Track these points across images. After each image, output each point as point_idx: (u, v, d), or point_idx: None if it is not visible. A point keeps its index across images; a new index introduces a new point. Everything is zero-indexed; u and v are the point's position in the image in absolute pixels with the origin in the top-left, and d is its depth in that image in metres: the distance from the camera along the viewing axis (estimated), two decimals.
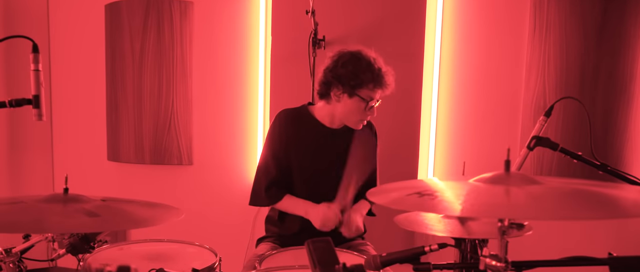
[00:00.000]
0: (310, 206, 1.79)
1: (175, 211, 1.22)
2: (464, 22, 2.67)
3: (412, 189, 0.97)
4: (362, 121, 1.82)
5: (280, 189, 1.86)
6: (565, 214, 0.75)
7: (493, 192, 0.87)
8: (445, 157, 2.73)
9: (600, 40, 2.43)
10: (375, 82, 1.73)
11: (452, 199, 0.84)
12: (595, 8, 2.42)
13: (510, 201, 0.80)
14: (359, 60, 1.74)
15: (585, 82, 2.45)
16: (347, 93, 1.76)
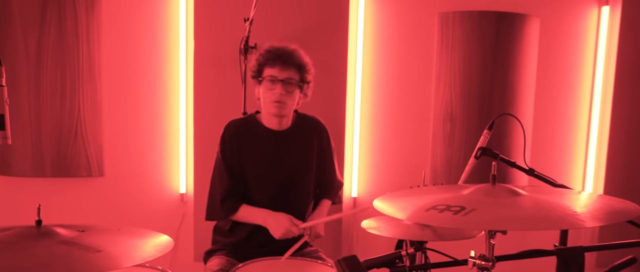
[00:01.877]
0: (270, 215, 1.79)
1: None
2: (382, 37, 2.87)
3: (428, 201, 1.06)
4: (274, 104, 1.78)
5: (235, 200, 1.83)
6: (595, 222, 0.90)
7: (511, 204, 1.00)
8: (368, 161, 2.91)
9: (495, 55, 2.82)
10: (273, 60, 1.78)
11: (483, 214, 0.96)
12: (491, 27, 2.80)
13: (530, 214, 0.94)
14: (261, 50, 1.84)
15: (484, 91, 2.82)
16: (257, 81, 1.83)
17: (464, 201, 1.05)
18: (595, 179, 2.91)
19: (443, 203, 1.04)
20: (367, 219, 1.65)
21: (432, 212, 1.00)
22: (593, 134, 2.91)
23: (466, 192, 1.14)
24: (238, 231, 1.88)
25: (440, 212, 0.99)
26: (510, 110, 2.83)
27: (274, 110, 1.80)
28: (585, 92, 2.94)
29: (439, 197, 1.14)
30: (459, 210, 0.98)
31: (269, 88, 1.78)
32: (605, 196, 1.08)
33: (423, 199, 1.17)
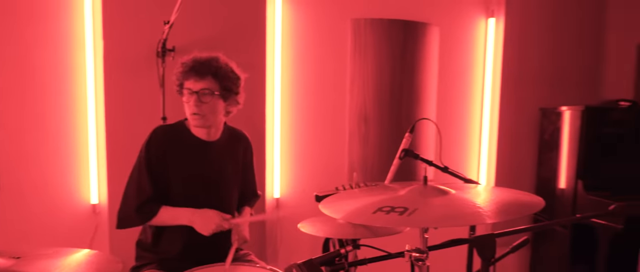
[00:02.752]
0: (196, 213, 1.76)
1: None
2: (299, 41, 2.96)
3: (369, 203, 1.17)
4: (192, 116, 1.76)
5: (154, 204, 1.77)
6: (509, 217, 1.06)
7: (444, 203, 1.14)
8: (289, 162, 2.99)
9: (403, 60, 3.06)
10: (188, 72, 1.74)
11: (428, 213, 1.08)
12: (400, 34, 3.03)
13: (474, 210, 1.09)
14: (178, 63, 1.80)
15: (394, 93, 3.05)
16: (179, 92, 1.80)
17: (403, 201, 1.18)
18: (487, 172, 3.30)
19: (386, 204, 1.16)
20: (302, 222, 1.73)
21: (380, 214, 1.11)
22: (485, 131, 3.30)
23: (402, 193, 1.27)
24: (163, 244, 1.83)
25: (387, 213, 1.10)
26: (416, 110, 3.10)
27: (193, 122, 1.78)
28: (477, 94, 3.31)
29: (379, 198, 1.25)
30: (403, 211, 1.10)
31: (187, 101, 1.76)
32: (515, 191, 1.28)
33: (363, 200, 1.28)
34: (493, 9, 3.23)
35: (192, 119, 1.77)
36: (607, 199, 2.64)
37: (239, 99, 1.87)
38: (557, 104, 3.10)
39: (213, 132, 1.85)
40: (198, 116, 1.75)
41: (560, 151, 2.99)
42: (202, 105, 1.74)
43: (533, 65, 3.27)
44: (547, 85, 3.29)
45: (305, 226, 1.68)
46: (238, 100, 1.87)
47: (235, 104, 1.88)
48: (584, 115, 2.81)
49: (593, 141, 2.81)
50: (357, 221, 1.18)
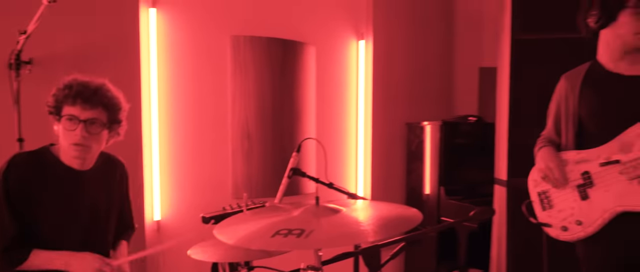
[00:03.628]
0: (73, 257, 1.60)
1: None
2: (176, 57, 2.86)
3: (265, 225, 1.19)
4: (74, 147, 1.60)
5: (22, 247, 1.57)
6: (396, 232, 1.16)
7: (337, 222, 1.21)
8: (170, 182, 2.84)
9: (283, 78, 3.14)
10: (74, 97, 1.58)
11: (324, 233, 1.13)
12: (279, 52, 3.11)
13: (364, 228, 1.16)
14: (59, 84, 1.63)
15: (276, 110, 3.11)
16: (55, 119, 1.63)
17: (299, 222, 1.22)
18: (364, 184, 3.54)
19: (283, 227, 1.19)
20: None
21: (278, 238, 1.13)
22: (360, 145, 3.54)
23: (296, 214, 1.31)
24: None
25: (285, 236, 1.13)
26: (298, 127, 3.20)
27: (74, 153, 1.62)
28: (352, 110, 3.55)
29: (274, 220, 1.28)
30: (300, 233, 1.14)
31: (69, 128, 1.58)
32: (397, 205, 1.41)
33: (258, 223, 1.29)
34: (363, 31, 3.50)
35: (72, 150, 1.60)
36: (463, 202, 3.03)
37: (121, 130, 1.77)
38: (420, 119, 3.47)
39: (88, 161, 1.69)
40: (81, 147, 1.60)
41: (424, 161, 3.35)
42: (90, 136, 1.60)
43: (398, 84, 3.61)
44: (411, 102, 3.66)
45: (196, 252, 1.62)
46: (120, 132, 1.77)
47: (116, 136, 1.77)
48: (441, 129, 3.19)
49: (450, 151, 3.21)
50: (257, 246, 1.18)
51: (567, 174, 1.54)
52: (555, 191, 1.58)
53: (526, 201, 1.67)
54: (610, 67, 1.53)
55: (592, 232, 1.50)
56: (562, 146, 1.63)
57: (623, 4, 1.43)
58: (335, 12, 3.43)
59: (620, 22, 1.46)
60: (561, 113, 1.64)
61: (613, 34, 1.51)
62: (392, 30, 3.56)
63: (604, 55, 1.56)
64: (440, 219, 3.14)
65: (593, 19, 1.53)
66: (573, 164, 1.54)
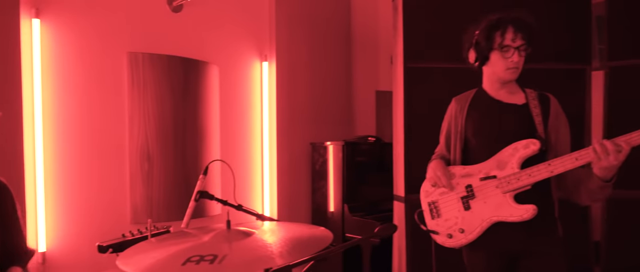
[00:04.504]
0: None
1: None
2: (65, 73, 2.65)
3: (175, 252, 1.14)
4: None
5: None
6: (308, 252, 1.18)
7: (250, 246, 1.20)
8: (58, 209, 2.58)
9: (186, 97, 3.05)
10: None
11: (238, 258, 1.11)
12: (180, 71, 3.03)
13: (275, 251, 1.17)
14: None
15: (178, 131, 3.00)
16: None
17: (211, 248, 1.19)
18: (270, 204, 3.54)
19: (195, 253, 1.15)
20: None
21: (190, 266, 1.10)
22: (266, 165, 3.55)
23: (206, 239, 1.28)
24: None
25: (198, 263, 1.10)
26: (202, 147, 3.12)
27: None
28: (257, 131, 3.55)
29: (183, 247, 1.23)
30: (213, 259, 1.11)
31: None
32: (308, 226, 1.44)
33: (167, 250, 1.24)
34: (266, 53, 3.55)
35: None
36: (366, 219, 3.17)
37: None
38: (324, 139, 3.58)
39: None
40: None
41: (328, 180, 3.45)
42: None
43: (302, 105, 3.71)
44: (314, 123, 3.77)
45: None
46: None
47: None
48: (343, 149, 3.33)
49: (352, 170, 3.35)
50: None
51: (454, 186, 1.71)
52: (443, 201, 1.74)
53: (418, 210, 1.82)
54: (493, 95, 1.75)
55: (472, 239, 1.67)
56: (451, 161, 1.80)
57: (491, 47, 1.66)
58: (238, 32, 3.43)
59: (492, 61, 1.69)
60: (451, 131, 1.82)
61: (490, 70, 1.74)
62: (294, 52, 3.65)
63: (487, 84, 1.78)
64: (345, 235, 3.25)
65: (472, 59, 1.75)
66: (459, 178, 1.71)
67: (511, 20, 1.63)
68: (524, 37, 1.62)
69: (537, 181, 1.58)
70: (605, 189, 1.51)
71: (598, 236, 2.68)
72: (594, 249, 2.72)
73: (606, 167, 1.44)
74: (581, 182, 1.58)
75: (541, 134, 1.63)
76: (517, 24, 1.62)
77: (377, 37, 4.16)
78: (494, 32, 1.65)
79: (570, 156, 1.52)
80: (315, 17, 3.81)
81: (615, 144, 1.42)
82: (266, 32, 3.55)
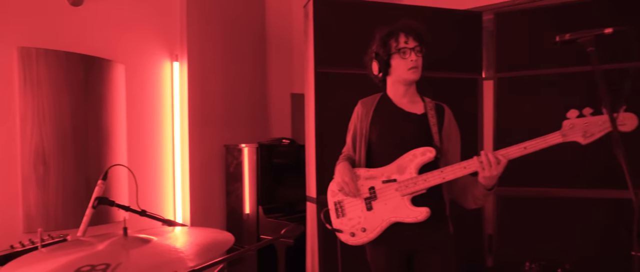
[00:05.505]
0: None
1: None
2: None
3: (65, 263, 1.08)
4: None
5: None
6: (212, 256, 1.17)
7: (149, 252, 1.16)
8: None
9: (87, 97, 2.86)
10: None
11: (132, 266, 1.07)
12: (80, 69, 2.83)
13: (177, 256, 1.14)
14: None
15: (78, 132, 2.81)
16: None
17: (104, 257, 1.14)
18: (183, 209, 3.42)
19: (86, 263, 1.09)
20: None
21: None
22: (177, 169, 3.43)
23: (102, 248, 1.22)
24: None
25: None
26: (106, 150, 2.94)
27: None
28: (168, 133, 3.42)
29: (75, 257, 1.17)
30: (105, 268, 1.07)
31: None
32: (210, 230, 1.43)
33: (57, 261, 1.16)
34: (177, 53, 3.44)
35: None
36: (281, 220, 3.20)
37: None
38: (238, 141, 3.54)
39: None
40: None
41: (243, 182, 3.42)
42: None
43: (215, 106, 3.64)
44: (228, 125, 3.72)
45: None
46: None
47: None
48: (258, 151, 3.32)
49: (267, 172, 3.36)
50: None
51: (359, 188, 1.79)
52: (348, 201, 1.82)
53: (324, 209, 1.88)
54: (396, 102, 1.86)
55: (373, 237, 1.77)
56: (356, 162, 1.89)
57: (390, 52, 1.78)
58: (146, 30, 3.29)
59: (394, 66, 1.80)
60: (357, 133, 1.90)
61: (393, 79, 1.86)
62: (207, 53, 3.58)
63: (391, 92, 1.89)
64: (259, 237, 3.25)
65: (376, 70, 1.86)
66: (363, 180, 1.80)
67: (400, 27, 1.78)
68: (415, 39, 1.77)
69: (431, 186, 1.70)
70: (488, 197, 1.68)
71: (490, 230, 2.94)
72: (487, 242, 2.98)
73: (488, 177, 1.59)
74: (468, 188, 1.74)
75: (437, 143, 1.76)
76: (405, 29, 1.77)
77: (291, 40, 4.21)
78: (388, 40, 1.78)
79: (460, 164, 1.66)
80: (229, 18, 3.76)
81: (496, 156, 1.58)
82: (177, 31, 3.44)
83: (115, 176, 2.94)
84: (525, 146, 1.57)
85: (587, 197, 2.58)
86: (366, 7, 2.72)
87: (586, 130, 1.49)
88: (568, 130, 1.51)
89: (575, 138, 1.51)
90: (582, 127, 1.49)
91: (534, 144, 1.56)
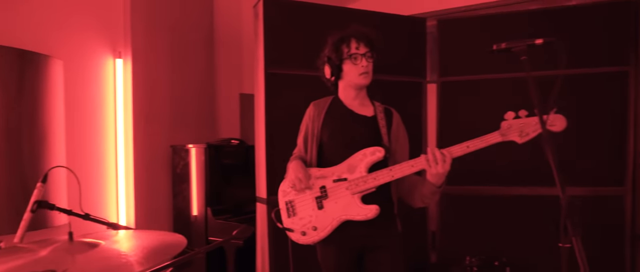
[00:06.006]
0: None
1: None
2: None
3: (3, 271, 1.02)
4: None
5: None
6: (163, 259, 1.14)
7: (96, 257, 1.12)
8: None
9: (21, 94, 2.69)
10: None
11: None
12: (14, 63, 2.65)
13: (125, 260, 1.10)
14: None
15: (11, 131, 2.63)
16: None
17: (48, 263, 1.09)
18: (127, 211, 3.29)
19: (28, 271, 1.04)
20: None
21: None
22: (121, 170, 3.30)
23: (45, 253, 1.17)
24: None
25: None
26: (43, 150, 2.78)
27: None
28: (110, 133, 3.28)
29: (14, 265, 1.11)
30: None
31: None
32: (159, 232, 1.39)
33: None
34: (120, 50, 3.31)
35: None
36: (230, 221, 3.16)
37: None
38: (185, 141, 3.47)
39: None
40: None
41: (191, 183, 3.35)
42: None
43: (162, 106, 3.54)
44: (175, 125, 3.63)
45: None
46: None
47: None
48: (206, 152, 3.27)
49: (216, 173, 3.31)
50: None
51: (311, 186, 1.82)
52: (299, 200, 1.84)
53: (275, 208, 1.90)
54: (347, 104, 1.91)
55: (324, 236, 1.80)
56: (307, 162, 1.91)
57: (342, 58, 1.83)
58: (87, 25, 3.14)
59: (345, 71, 1.85)
60: (308, 134, 1.93)
61: (345, 83, 1.90)
62: (152, 51, 3.47)
63: (342, 95, 1.94)
64: (208, 239, 3.19)
65: (328, 74, 1.90)
66: (315, 179, 1.83)
67: (351, 33, 1.83)
68: (366, 45, 1.82)
69: (381, 184, 1.76)
70: (435, 195, 1.75)
71: (434, 227, 3.08)
72: (431, 239, 3.12)
73: (435, 174, 1.67)
74: (416, 187, 1.81)
75: (386, 143, 1.83)
76: (356, 35, 1.82)
77: (241, 39, 4.17)
78: (340, 45, 1.83)
79: (408, 163, 1.73)
80: (175, 15, 3.67)
81: (442, 153, 1.66)
82: (120, 27, 3.31)
83: (53, 178, 2.78)
84: (467, 145, 1.66)
85: (522, 195, 2.77)
86: (316, 9, 2.75)
87: (522, 131, 1.60)
88: (506, 130, 1.62)
89: (512, 138, 1.62)
90: (518, 128, 1.61)
91: (475, 143, 1.66)
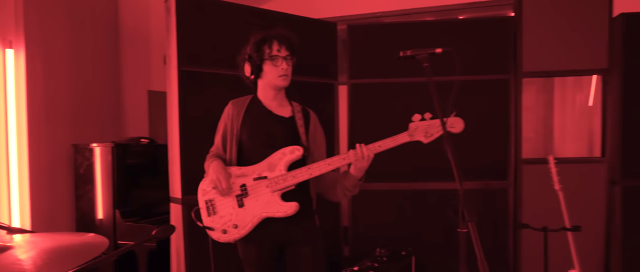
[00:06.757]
0: None
1: None
2: None
3: None
4: None
5: None
6: (73, 264, 1.09)
7: None
8: None
9: None
10: None
11: None
12: None
13: (27, 267, 1.04)
14: None
15: None
16: None
17: None
18: (21, 214, 3.00)
19: None
20: None
21: None
22: (13, 171, 3.00)
23: None
24: None
25: None
26: None
27: None
28: (1, 130, 2.97)
29: None
30: None
31: None
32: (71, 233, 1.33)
33: None
34: (11, 39, 3.01)
35: None
36: (140, 223, 3.03)
37: None
38: (89, 140, 3.25)
39: None
40: None
41: (95, 185, 3.15)
42: None
43: (61, 102, 3.28)
44: (77, 123, 3.38)
45: None
46: None
47: None
48: (113, 151, 3.09)
49: (123, 173, 3.15)
50: None
51: (231, 185, 1.84)
52: (219, 199, 1.85)
53: (195, 207, 1.89)
54: (266, 104, 1.95)
55: (245, 233, 1.84)
56: (226, 161, 1.93)
57: (263, 58, 1.88)
58: None
59: (265, 71, 1.90)
60: (227, 133, 1.94)
61: (264, 83, 1.95)
62: (50, 42, 3.21)
63: (261, 94, 1.97)
64: (117, 242, 3.03)
65: (248, 72, 1.93)
66: (235, 178, 1.85)
67: (274, 35, 1.89)
68: (287, 48, 1.89)
69: (300, 182, 1.84)
70: (356, 188, 1.88)
71: (346, 222, 3.24)
72: (343, 233, 3.28)
73: (360, 168, 1.79)
74: (337, 182, 1.92)
75: (304, 142, 1.91)
76: (279, 38, 1.88)
77: (148, 35, 4.00)
78: (262, 46, 1.87)
79: (325, 161, 1.84)
80: (75, 6, 3.42)
81: (369, 149, 1.78)
82: (11, 14, 3.01)
83: None
84: (379, 145, 1.81)
85: (427, 189, 3.05)
86: (230, 8, 2.75)
87: (427, 131, 1.78)
88: (413, 131, 1.79)
89: (419, 138, 1.79)
90: (424, 129, 1.78)
91: (386, 142, 1.81)
